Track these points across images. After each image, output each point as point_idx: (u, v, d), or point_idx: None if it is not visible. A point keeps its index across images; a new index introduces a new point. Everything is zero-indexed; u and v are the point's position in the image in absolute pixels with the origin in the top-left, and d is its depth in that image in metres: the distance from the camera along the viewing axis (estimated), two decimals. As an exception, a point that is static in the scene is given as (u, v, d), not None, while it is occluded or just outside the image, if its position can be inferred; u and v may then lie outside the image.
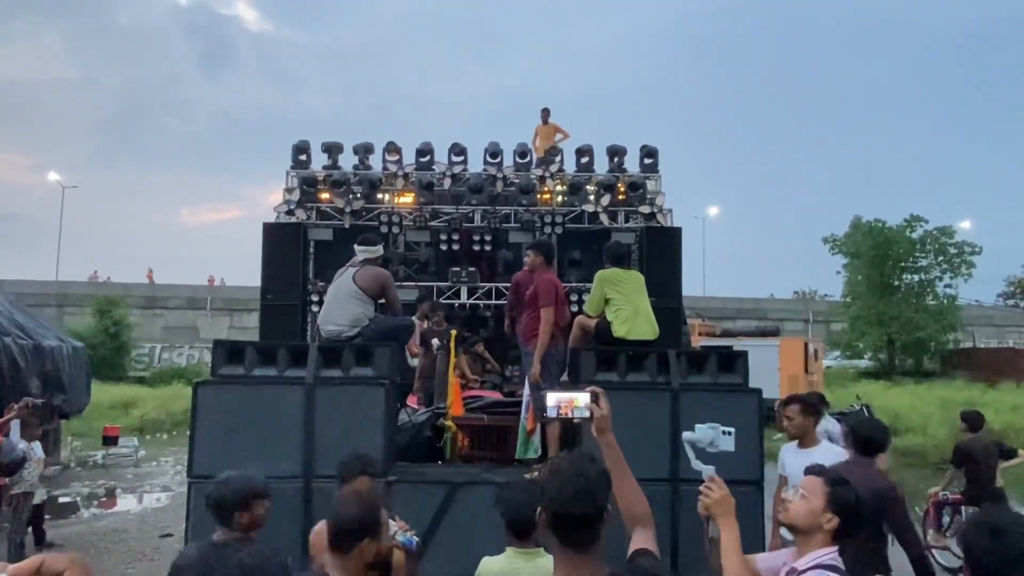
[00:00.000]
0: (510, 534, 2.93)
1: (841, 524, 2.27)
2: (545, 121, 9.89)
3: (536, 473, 4.87)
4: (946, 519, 7.06)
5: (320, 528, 2.53)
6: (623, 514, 2.03)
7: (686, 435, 2.50)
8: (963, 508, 6.70)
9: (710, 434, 2.45)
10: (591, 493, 1.74)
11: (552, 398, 2.26)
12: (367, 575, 2.26)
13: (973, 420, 6.75)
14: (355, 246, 5.61)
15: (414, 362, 7.11)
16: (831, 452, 4.42)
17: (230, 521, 2.76)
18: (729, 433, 2.46)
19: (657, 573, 1.90)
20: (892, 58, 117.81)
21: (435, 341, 6.64)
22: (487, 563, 3.00)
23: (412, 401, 6.71)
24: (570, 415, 2.22)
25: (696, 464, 2.43)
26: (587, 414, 2.17)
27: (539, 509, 1.81)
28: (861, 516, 2.38)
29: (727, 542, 2.26)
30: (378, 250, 5.60)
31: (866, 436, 4.20)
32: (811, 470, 2.51)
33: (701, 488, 2.33)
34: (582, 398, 2.20)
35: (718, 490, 2.29)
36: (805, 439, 4.48)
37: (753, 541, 4.38)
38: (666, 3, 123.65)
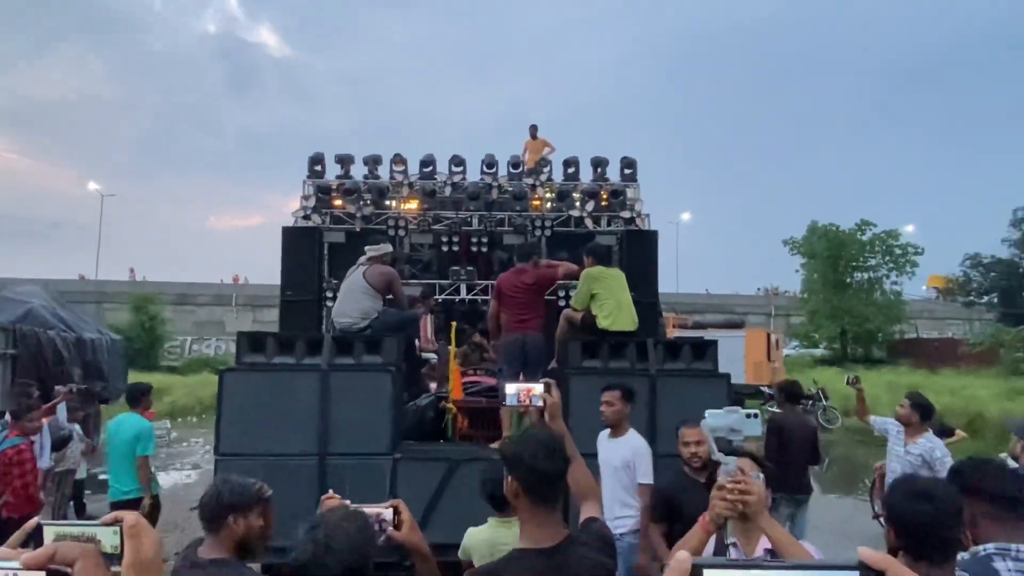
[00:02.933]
0: (491, 507, 2.93)
1: None
2: (534, 136, 9.87)
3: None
4: None
5: None
6: (574, 490, 2.10)
7: (706, 423, 1.97)
8: None
9: (730, 419, 1.96)
10: (561, 451, 1.85)
11: (512, 388, 2.32)
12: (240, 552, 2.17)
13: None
14: (365, 248, 5.61)
15: (430, 356, 7.12)
16: (637, 440, 4.09)
17: (219, 528, 2.18)
18: (755, 416, 1.97)
19: (608, 534, 1.97)
20: (845, 79, 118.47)
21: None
22: (472, 533, 2.98)
23: None
24: (528, 402, 2.27)
25: (718, 456, 1.92)
26: (540, 402, 2.22)
27: (509, 478, 1.84)
28: None
29: (786, 539, 1.82)
30: (383, 248, 5.60)
31: (790, 391, 5.89)
32: (739, 452, 2.05)
33: (728, 484, 1.81)
34: (537, 388, 2.26)
35: (757, 487, 1.81)
36: (619, 428, 4.10)
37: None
38: (646, 31, 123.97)
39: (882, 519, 6.52)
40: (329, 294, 6.93)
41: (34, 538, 0.85)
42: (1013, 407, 13.68)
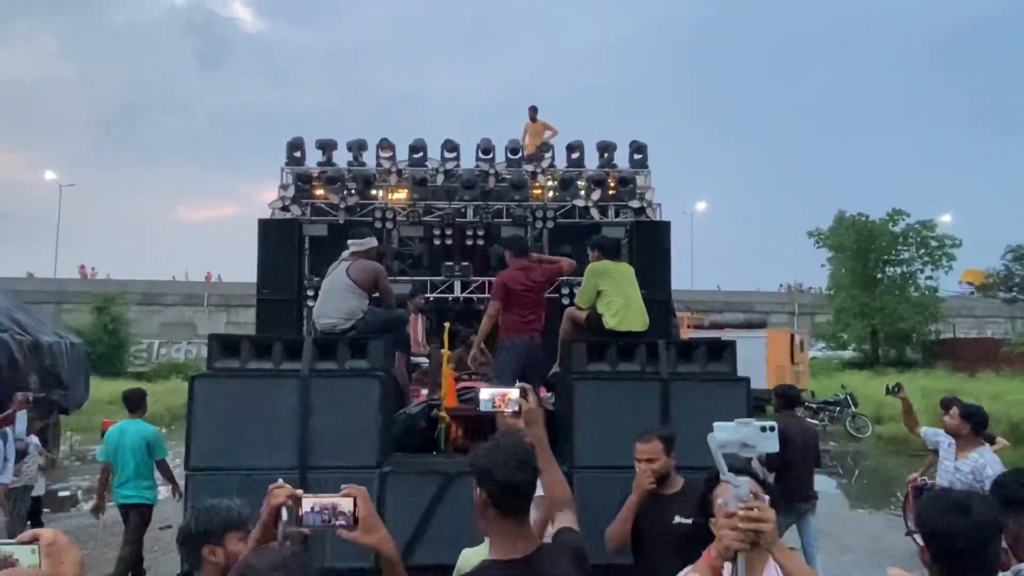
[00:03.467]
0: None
1: None
2: (533, 119, 9.84)
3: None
4: None
5: None
6: (548, 500, 2.23)
7: (714, 437, 1.79)
8: None
9: (742, 432, 1.79)
10: (530, 462, 1.94)
11: (487, 392, 2.38)
12: None
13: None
14: (348, 241, 5.60)
15: (421, 360, 7.12)
16: None
17: (198, 562, 2.20)
18: (771, 429, 1.78)
19: (579, 545, 2.07)
20: (874, 58, 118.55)
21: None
22: (467, 555, 2.97)
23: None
24: (503, 408, 2.34)
25: (728, 476, 1.74)
26: (516, 407, 2.30)
27: (478, 490, 1.91)
28: None
29: (804, 571, 1.77)
30: (368, 243, 5.57)
31: (786, 395, 6.17)
32: (743, 471, 2.02)
33: (739, 511, 1.64)
34: (513, 393, 2.33)
35: (769, 512, 1.67)
36: None
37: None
38: (654, 4, 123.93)
39: (916, 536, 6.51)
40: (310, 293, 6.92)
41: None
42: (1059, 413, 13.71)
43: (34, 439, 7.19)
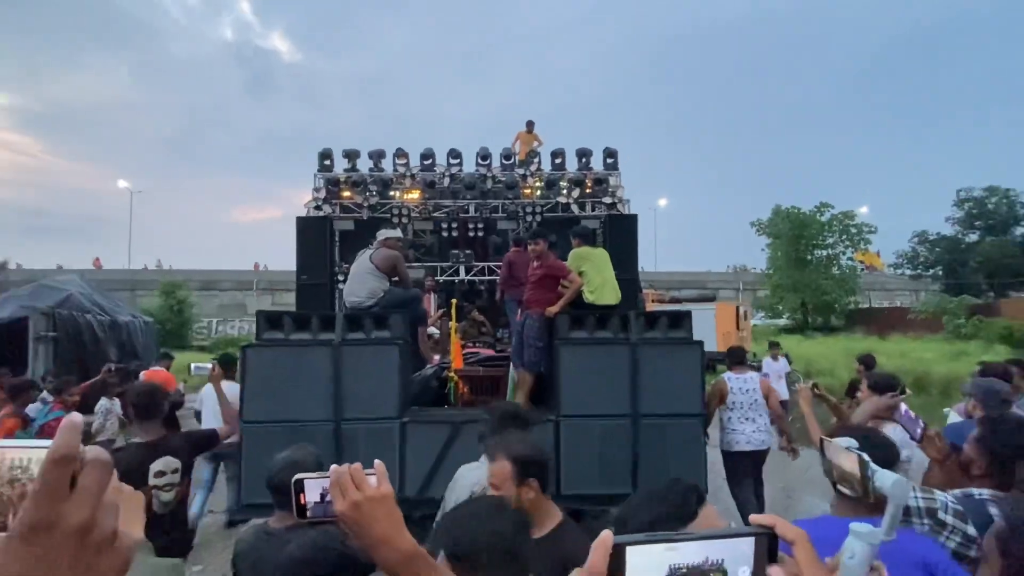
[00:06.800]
0: (484, 452, 2.96)
1: None
2: (529, 130, 9.77)
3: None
4: None
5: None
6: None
7: (899, 484, 1.07)
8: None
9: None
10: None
11: None
12: None
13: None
14: (379, 231, 5.59)
15: (433, 331, 7.11)
16: None
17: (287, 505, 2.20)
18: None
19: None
20: (809, 78, 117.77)
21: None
22: (465, 469, 2.97)
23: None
24: None
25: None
26: None
27: None
28: None
29: None
30: (397, 232, 5.61)
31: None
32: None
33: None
34: None
35: None
36: None
37: (695, 468, 4.39)
38: (628, 30, 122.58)
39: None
40: (340, 277, 6.88)
41: None
42: (956, 367, 13.82)
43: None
